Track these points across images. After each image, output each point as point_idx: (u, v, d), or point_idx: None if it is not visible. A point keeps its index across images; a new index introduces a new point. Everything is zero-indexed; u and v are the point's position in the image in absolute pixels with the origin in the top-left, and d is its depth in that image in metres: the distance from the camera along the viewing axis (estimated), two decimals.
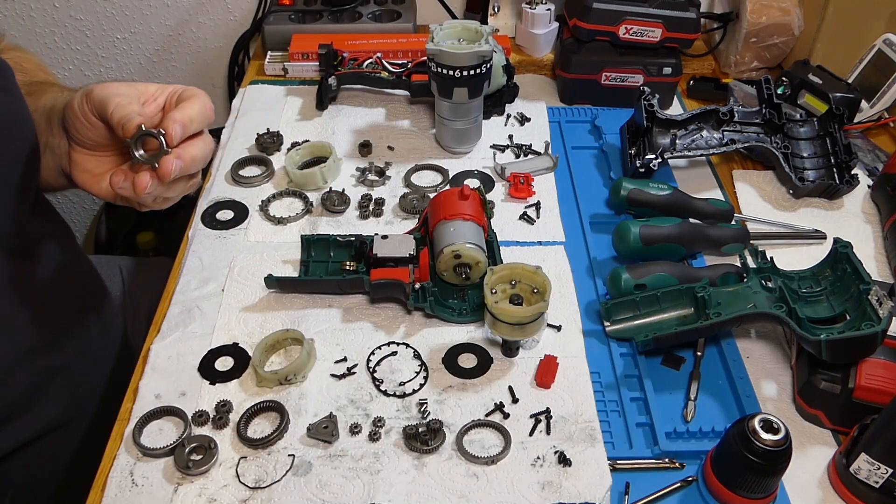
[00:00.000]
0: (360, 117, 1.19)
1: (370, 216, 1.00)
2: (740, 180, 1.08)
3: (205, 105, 0.75)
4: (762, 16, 1.24)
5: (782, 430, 0.64)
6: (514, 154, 1.12)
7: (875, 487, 0.67)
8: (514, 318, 0.76)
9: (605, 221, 1.00)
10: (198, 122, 0.73)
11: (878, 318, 0.71)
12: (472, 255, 0.84)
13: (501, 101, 1.18)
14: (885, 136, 1.19)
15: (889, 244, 0.96)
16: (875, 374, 0.72)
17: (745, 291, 0.80)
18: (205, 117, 0.75)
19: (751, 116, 1.08)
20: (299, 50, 1.27)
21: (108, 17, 1.57)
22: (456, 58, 0.99)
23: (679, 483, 0.71)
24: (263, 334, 0.82)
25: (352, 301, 0.88)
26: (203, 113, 0.74)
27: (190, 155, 0.72)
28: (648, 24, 1.14)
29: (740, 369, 0.81)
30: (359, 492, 0.69)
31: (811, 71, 1.15)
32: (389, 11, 1.38)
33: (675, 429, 0.74)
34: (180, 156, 0.71)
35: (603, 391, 0.79)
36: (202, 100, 0.75)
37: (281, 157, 1.08)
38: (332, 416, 0.74)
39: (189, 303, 0.87)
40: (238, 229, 0.98)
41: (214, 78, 1.67)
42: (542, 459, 0.72)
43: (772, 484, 0.67)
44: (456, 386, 0.79)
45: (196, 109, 0.73)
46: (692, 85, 1.27)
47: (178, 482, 0.69)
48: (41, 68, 0.96)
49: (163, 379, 0.78)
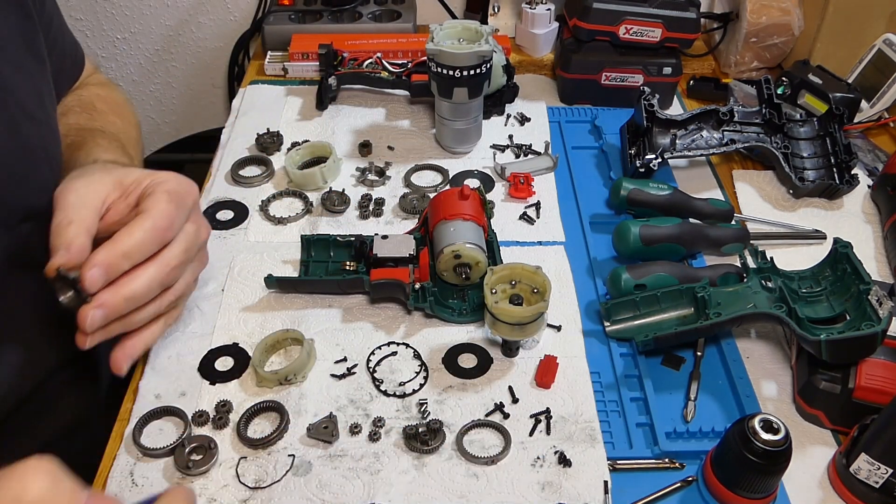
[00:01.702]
0: (360, 117, 1.19)
1: (370, 216, 1.00)
2: (740, 180, 1.08)
3: (156, 227, 0.64)
4: (762, 16, 1.24)
5: (782, 430, 0.64)
6: (514, 154, 1.12)
7: (875, 487, 0.67)
8: (514, 318, 0.76)
9: (605, 221, 1.00)
10: (140, 254, 0.63)
11: (878, 318, 0.71)
12: (472, 255, 0.84)
13: (501, 101, 1.18)
14: (885, 136, 1.19)
15: (889, 244, 0.96)
16: (875, 374, 0.72)
17: (745, 291, 0.80)
18: (154, 242, 0.64)
19: (751, 116, 1.08)
20: (299, 50, 1.27)
21: (108, 17, 1.57)
22: (456, 58, 0.99)
23: (679, 483, 0.71)
24: (263, 334, 0.82)
25: (352, 301, 0.88)
26: (149, 240, 0.63)
27: (122, 297, 0.63)
28: (648, 24, 1.14)
29: (740, 369, 0.81)
30: (359, 492, 0.69)
31: (811, 71, 1.15)
32: (389, 11, 1.38)
33: (675, 429, 0.74)
34: (104, 304, 0.62)
35: (603, 391, 0.79)
36: (154, 220, 0.64)
37: (281, 157, 1.08)
38: (332, 416, 0.74)
39: (189, 303, 0.87)
40: (238, 229, 0.98)
41: (214, 78, 1.67)
42: (542, 459, 0.72)
43: (772, 484, 0.67)
44: (456, 386, 0.79)
45: (137, 239, 0.63)
46: (692, 85, 1.27)
47: (178, 482, 0.69)
48: (117, 110, 0.93)
49: (163, 379, 0.78)
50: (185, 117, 1.74)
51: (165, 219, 0.64)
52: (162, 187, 0.66)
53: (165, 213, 0.65)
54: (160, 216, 0.64)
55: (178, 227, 0.66)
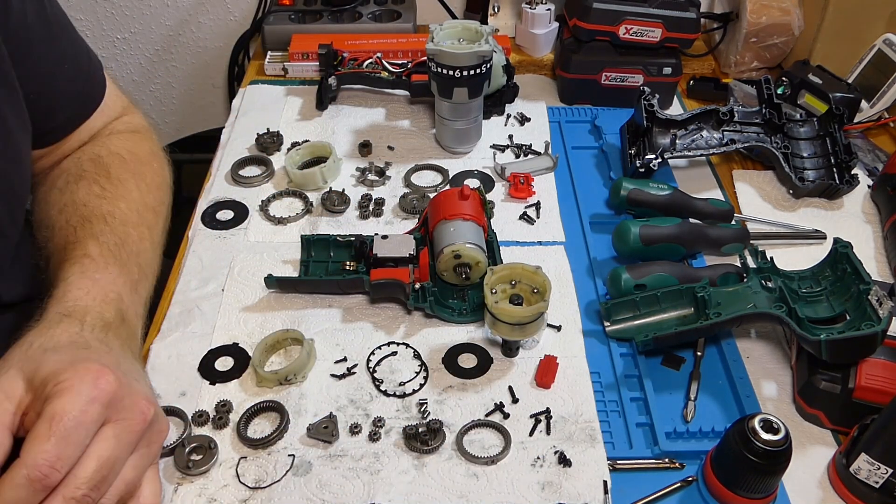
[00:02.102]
0: (360, 117, 1.19)
1: (370, 216, 1.00)
2: (740, 180, 1.08)
3: (31, 478, 0.52)
4: (762, 16, 1.24)
5: (782, 430, 0.64)
6: (514, 154, 1.12)
7: (875, 487, 0.67)
8: (514, 318, 0.76)
9: (605, 221, 1.00)
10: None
11: (878, 318, 0.71)
12: (472, 255, 0.84)
13: (501, 101, 1.18)
14: (885, 136, 1.19)
15: (889, 244, 0.96)
16: (875, 374, 0.72)
17: (745, 291, 0.80)
18: (32, 494, 0.52)
19: (751, 116, 1.08)
20: (299, 50, 1.27)
21: (108, 17, 1.57)
22: (456, 58, 0.99)
23: (679, 483, 0.71)
24: (263, 334, 0.82)
25: (352, 301, 0.88)
26: (23, 498, 0.52)
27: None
28: (648, 24, 1.14)
29: (740, 369, 0.81)
30: (359, 492, 0.69)
31: (811, 71, 1.15)
32: (389, 11, 1.38)
33: (675, 429, 0.74)
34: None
35: (603, 391, 0.79)
36: (28, 469, 0.52)
37: (281, 157, 1.08)
38: (332, 416, 0.74)
39: (189, 303, 0.87)
40: (238, 229, 0.98)
41: (214, 78, 1.67)
42: (542, 459, 0.72)
43: (772, 484, 0.67)
44: (456, 386, 0.79)
45: (8, 498, 0.52)
46: (692, 85, 1.27)
47: (178, 482, 0.69)
48: (139, 171, 0.86)
49: (163, 379, 0.78)
50: (185, 117, 1.74)
51: (43, 466, 0.52)
52: (48, 411, 0.54)
53: (43, 457, 0.53)
54: (34, 465, 0.52)
55: (72, 456, 0.54)
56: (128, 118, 0.94)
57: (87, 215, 0.78)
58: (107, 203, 0.81)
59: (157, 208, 0.87)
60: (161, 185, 0.90)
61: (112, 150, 0.87)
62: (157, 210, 0.87)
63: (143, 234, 0.82)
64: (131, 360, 0.68)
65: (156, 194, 0.88)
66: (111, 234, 0.78)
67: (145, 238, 0.82)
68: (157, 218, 0.87)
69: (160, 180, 0.90)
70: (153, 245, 0.84)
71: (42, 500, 0.53)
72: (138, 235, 0.81)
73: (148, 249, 0.82)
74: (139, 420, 0.60)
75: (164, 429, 0.65)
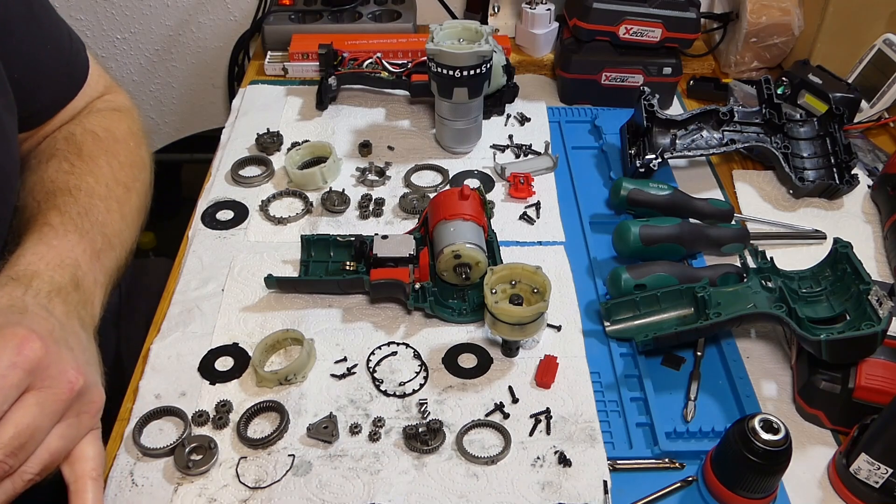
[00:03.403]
0: (360, 117, 1.19)
1: (370, 216, 1.00)
2: (740, 180, 1.08)
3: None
4: (762, 16, 1.24)
5: (782, 430, 0.64)
6: (514, 154, 1.12)
7: (875, 487, 0.67)
8: (514, 318, 0.76)
9: (605, 221, 1.00)
10: None
11: (878, 318, 0.71)
12: (472, 255, 0.84)
13: (501, 101, 1.18)
14: (885, 136, 1.19)
15: (889, 244, 0.96)
16: (875, 374, 0.72)
17: (745, 291, 0.80)
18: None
19: (751, 116, 1.08)
20: (299, 50, 1.27)
21: (108, 17, 1.57)
22: (456, 58, 0.99)
23: (679, 483, 0.71)
24: (263, 334, 0.82)
25: (352, 301, 0.88)
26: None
27: None
28: (648, 24, 1.14)
29: (740, 369, 0.81)
30: (359, 492, 0.69)
31: (811, 71, 1.15)
32: (389, 11, 1.38)
33: (675, 429, 0.74)
34: None
35: (603, 391, 0.79)
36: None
37: (281, 157, 1.08)
38: (332, 416, 0.74)
39: (189, 303, 0.87)
40: (238, 229, 0.98)
41: (214, 78, 1.67)
42: (542, 459, 0.72)
43: (772, 484, 0.67)
44: (456, 386, 0.79)
45: None
46: (692, 85, 1.27)
47: (178, 482, 0.69)
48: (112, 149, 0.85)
49: (163, 379, 0.78)
50: (185, 117, 1.74)
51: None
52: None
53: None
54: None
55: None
56: (110, 97, 0.93)
57: (52, 189, 0.78)
58: (74, 178, 0.80)
59: (130, 184, 0.86)
60: (136, 163, 0.88)
61: (87, 128, 0.86)
62: (129, 186, 0.85)
63: (110, 206, 0.80)
64: (76, 327, 0.66)
65: (129, 171, 0.86)
66: (75, 204, 0.76)
67: (113, 210, 0.80)
68: (129, 193, 0.85)
69: (135, 159, 0.89)
70: (122, 218, 0.82)
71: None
72: (105, 207, 0.79)
73: (116, 221, 0.80)
74: (65, 389, 0.58)
75: (97, 399, 0.63)
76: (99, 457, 0.62)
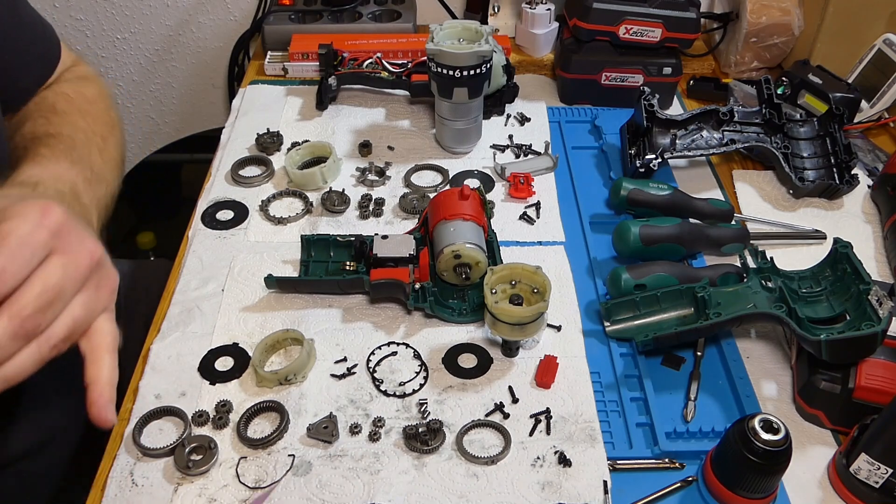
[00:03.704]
0: (360, 117, 1.19)
1: (370, 216, 1.00)
2: (740, 180, 1.08)
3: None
4: (762, 16, 1.24)
5: (782, 430, 0.64)
6: (514, 154, 1.12)
7: (875, 487, 0.67)
8: (514, 318, 0.76)
9: (605, 221, 1.00)
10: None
11: (878, 318, 0.71)
12: (472, 255, 0.84)
13: (501, 101, 1.18)
14: (885, 136, 1.19)
15: (889, 244, 0.96)
16: (875, 374, 0.72)
17: (745, 291, 0.80)
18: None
19: (751, 116, 1.08)
20: (299, 50, 1.27)
21: (108, 17, 1.57)
22: (456, 58, 0.99)
23: (679, 483, 0.71)
24: (263, 334, 0.82)
25: (352, 301, 0.88)
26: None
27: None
28: (648, 24, 1.14)
29: (740, 369, 0.81)
30: (359, 492, 0.69)
31: (811, 71, 1.15)
32: (389, 11, 1.38)
33: (675, 429, 0.74)
34: None
35: (603, 391, 0.79)
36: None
37: (281, 157, 1.08)
38: (332, 416, 0.74)
39: (189, 303, 0.87)
40: (238, 229, 0.98)
41: (214, 78, 1.67)
42: (542, 459, 0.72)
43: (772, 484, 0.67)
44: (456, 386, 0.79)
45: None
46: (692, 85, 1.27)
47: (178, 482, 0.69)
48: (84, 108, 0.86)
49: (163, 379, 0.78)
50: (185, 117, 1.74)
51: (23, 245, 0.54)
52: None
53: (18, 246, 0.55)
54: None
55: (19, 273, 0.55)
56: (76, 68, 0.94)
57: (33, 138, 0.79)
58: (53, 128, 0.81)
59: (106, 136, 0.87)
60: (107, 122, 0.90)
61: (58, 91, 0.88)
62: (105, 137, 0.87)
63: (91, 150, 0.82)
64: (83, 222, 0.66)
65: (102, 127, 0.88)
66: (59, 144, 0.78)
67: (94, 154, 0.82)
68: (106, 143, 0.86)
69: (107, 118, 0.90)
70: (105, 162, 0.83)
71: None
72: (87, 151, 0.81)
73: (99, 162, 0.82)
74: (86, 256, 0.59)
75: (114, 277, 0.63)
76: (114, 333, 0.62)
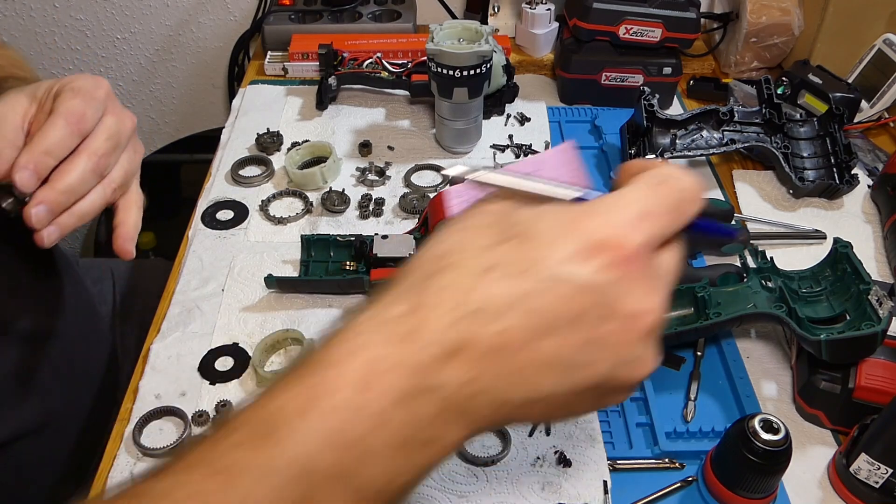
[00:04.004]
0: (360, 117, 1.19)
1: (370, 216, 1.00)
2: (740, 180, 1.08)
3: (68, 122, 0.64)
4: (762, 16, 1.24)
5: (782, 430, 0.64)
6: (514, 154, 1.12)
7: (875, 487, 0.67)
8: None
9: None
10: (61, 149, 0.64)
11: (878, 318, 0.71)
12: None
13: (501, 101, 1.18)
14: (885, 136, 1.19)
15: (889, 244, 0.96)
16: (875, 374, 0.72)
17: (745, 291, 0.80)
18: (70, 136, 0.64)
19: (751, 116, 1.08)
20: (299, 50, 1.27)
21: (108, 17, 1.57)
22: (456, 58, 0.99)
23: (679, 483, 0.71)
24: (263, 334, 0.82)
25: (352, 301, 0.88)
26: (65, 135, 0.64)
27: (58, 191, 0.63)
28: (648, 24, 1.14)
29: (740, 369, 0.81)
30: None
31: (811, 71, 1.15)
32: (389, 11, 1.38)
33: (675, 429, 0.74)
34: (43, 200, 0.62)
35: None
36: (64, 117, 0.64)
37: (281, 157, 1.08)
38: None
39: (189, 303, 0.87)
40: (238, 229, 0.98)
41: (214, 78, 1.67)
42: (542, 459, 0.72)
43: (772, 484, 0.67)
44: None
45: (53, 136, 0.63)
46: (692, 85, 1.27)
47: None
48: (16, 65, 0.89)
49: (163, 379, 0.78)
50: (185, 117, 1.74)
51: (75, 114, 0.65)
52: (68, 87, 0.66)
53: (74, 107, 0.65)
54: (69, 112, 0.65)
55: (94, 119, 0.66)
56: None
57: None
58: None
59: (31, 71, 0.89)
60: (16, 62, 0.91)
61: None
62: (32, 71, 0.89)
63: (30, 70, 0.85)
64: None
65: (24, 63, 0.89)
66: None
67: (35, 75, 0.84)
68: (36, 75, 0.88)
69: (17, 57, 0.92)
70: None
71: (70, 156, 0.64)
72: (26, 67, 0.85)
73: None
74: (130, 118, 0.70)
75: (142, 151, 0.73)
76: (141, 195, 0.73)
